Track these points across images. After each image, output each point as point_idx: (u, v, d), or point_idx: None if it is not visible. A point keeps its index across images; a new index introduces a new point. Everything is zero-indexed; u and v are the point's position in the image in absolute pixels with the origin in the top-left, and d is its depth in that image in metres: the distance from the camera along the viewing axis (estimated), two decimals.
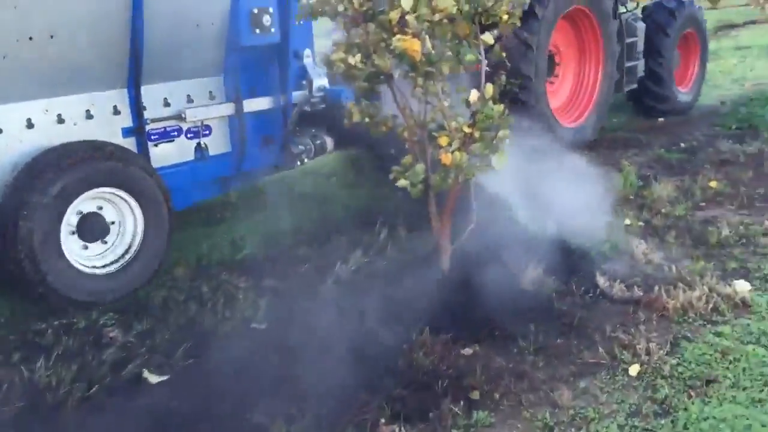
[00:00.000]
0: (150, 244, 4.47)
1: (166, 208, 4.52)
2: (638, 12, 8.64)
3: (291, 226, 5.55)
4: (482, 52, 4.20)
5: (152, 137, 4.73)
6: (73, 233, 4.23)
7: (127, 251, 4.43)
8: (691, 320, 3.97)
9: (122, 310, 4.24)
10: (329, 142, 5.83)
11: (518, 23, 4.31)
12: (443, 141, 4.16)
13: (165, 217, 4.52)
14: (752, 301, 4.15)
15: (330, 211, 5.97)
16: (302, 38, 5.56)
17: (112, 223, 4.40)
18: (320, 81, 5.58)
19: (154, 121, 4.72)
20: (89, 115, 4.40)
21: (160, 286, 4.52)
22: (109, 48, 4.35)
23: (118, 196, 4.35)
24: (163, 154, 4.84)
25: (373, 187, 6.17)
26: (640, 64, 8.50)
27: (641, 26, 8.44)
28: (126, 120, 4.58)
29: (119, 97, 4.56)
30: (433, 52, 4.02)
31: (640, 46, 8.43)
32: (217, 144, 5.19)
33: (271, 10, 5.13)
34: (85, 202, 4.23)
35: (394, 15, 4.02)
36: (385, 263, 4.65)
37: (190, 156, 5.05)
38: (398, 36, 3.98)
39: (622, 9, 8.12)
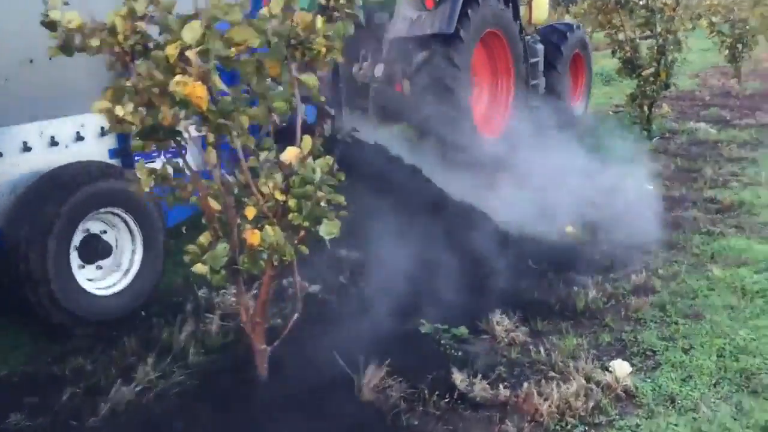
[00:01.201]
0: (149, 263, 4.45)
1: (161, 227, 4.55)
2: (536, 36, 9.45)
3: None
4: (297, 96, 3.31)
5: (135, 158, 4.55)
6: (77, 253, 4.17)
7: (128, 270, 4.41)
8: (570, 427, 3.19)
9: None
10: None
11: (340, 58, 3.46)
12: (250, 213, 3.21)
13: (161, 236, 4.54)
14: (636, 389, 3.46)
15: None
16: None
17: (115, 243, 4.36)
18: None
19: None
20: (79, 137, 4.39)
21: None
22: (100, 68, 4.00)
23: (118, 216, 4.35)
24: None
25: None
26: (542, 82, 9.18)
27: (540, 48, 9.21)
28: (112, 141, 4.60)
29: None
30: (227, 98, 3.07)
31: (541, 66, 9.18)
32: (193, 163, 4.88)
33: None
34: (91, 223, 4.23)
35: (172, 50, 3.01)
36: (182, 377, 3.50)
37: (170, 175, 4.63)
38: (177, 78, 2.97)
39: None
